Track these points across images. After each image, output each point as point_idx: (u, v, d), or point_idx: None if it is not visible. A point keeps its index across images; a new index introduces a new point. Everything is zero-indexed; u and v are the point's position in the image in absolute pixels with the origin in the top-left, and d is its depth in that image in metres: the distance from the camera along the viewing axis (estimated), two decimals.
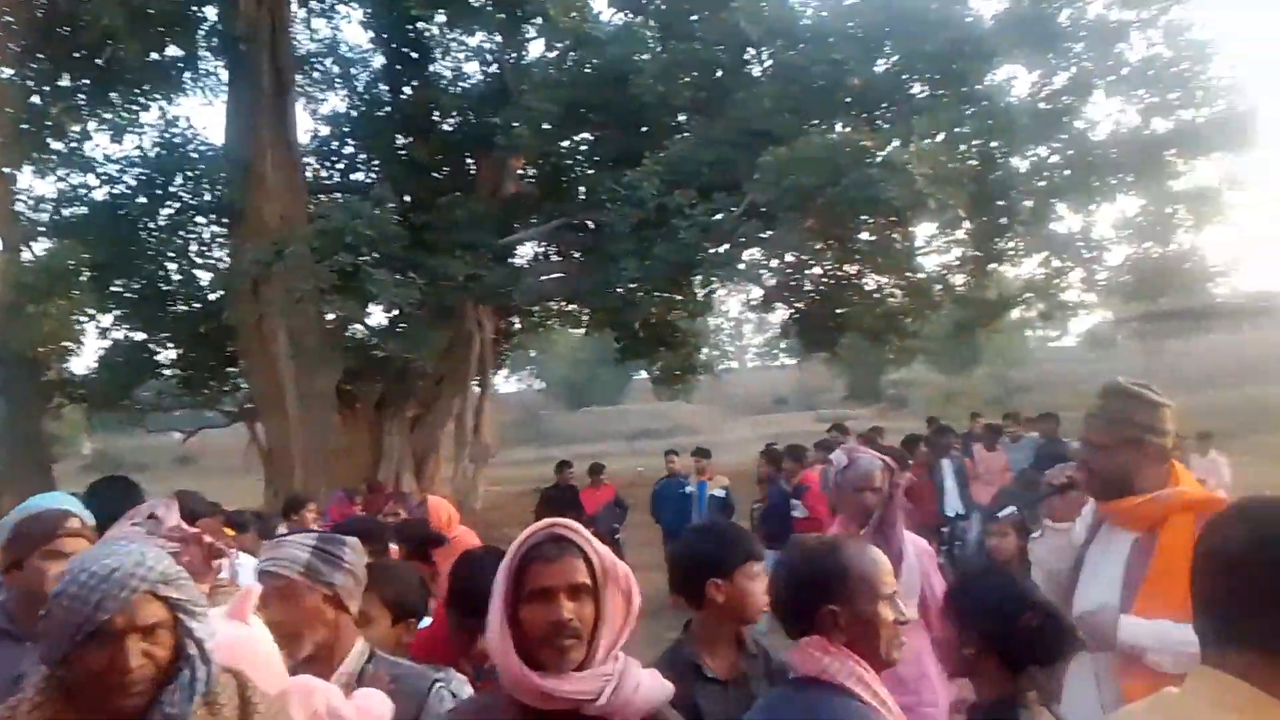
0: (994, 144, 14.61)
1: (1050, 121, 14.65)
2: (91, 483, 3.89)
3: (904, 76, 15.18)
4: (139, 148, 17.05)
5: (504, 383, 43.63)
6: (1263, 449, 13.17)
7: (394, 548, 3.85)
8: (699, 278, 14.60)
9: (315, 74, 18.97)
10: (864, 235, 15.30)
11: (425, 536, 4.11)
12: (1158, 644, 2.41)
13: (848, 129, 12.16)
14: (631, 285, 13.78)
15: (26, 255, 14.99)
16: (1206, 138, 14.46)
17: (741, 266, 14.69)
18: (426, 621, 3.02)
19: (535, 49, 16.83)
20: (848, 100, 14.03)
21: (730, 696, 2.49)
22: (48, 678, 1.62)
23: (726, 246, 13.19)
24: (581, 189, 15.76)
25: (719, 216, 12.25)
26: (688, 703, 2.26)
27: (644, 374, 38.93)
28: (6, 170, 15.27)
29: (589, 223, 15.30)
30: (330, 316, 15.59)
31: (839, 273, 17.65)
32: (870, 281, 18.12)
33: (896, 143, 11.96)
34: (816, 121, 13.15)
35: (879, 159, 11.00)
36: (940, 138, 12.54)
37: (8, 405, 16.47)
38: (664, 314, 19.24)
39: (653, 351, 20.74)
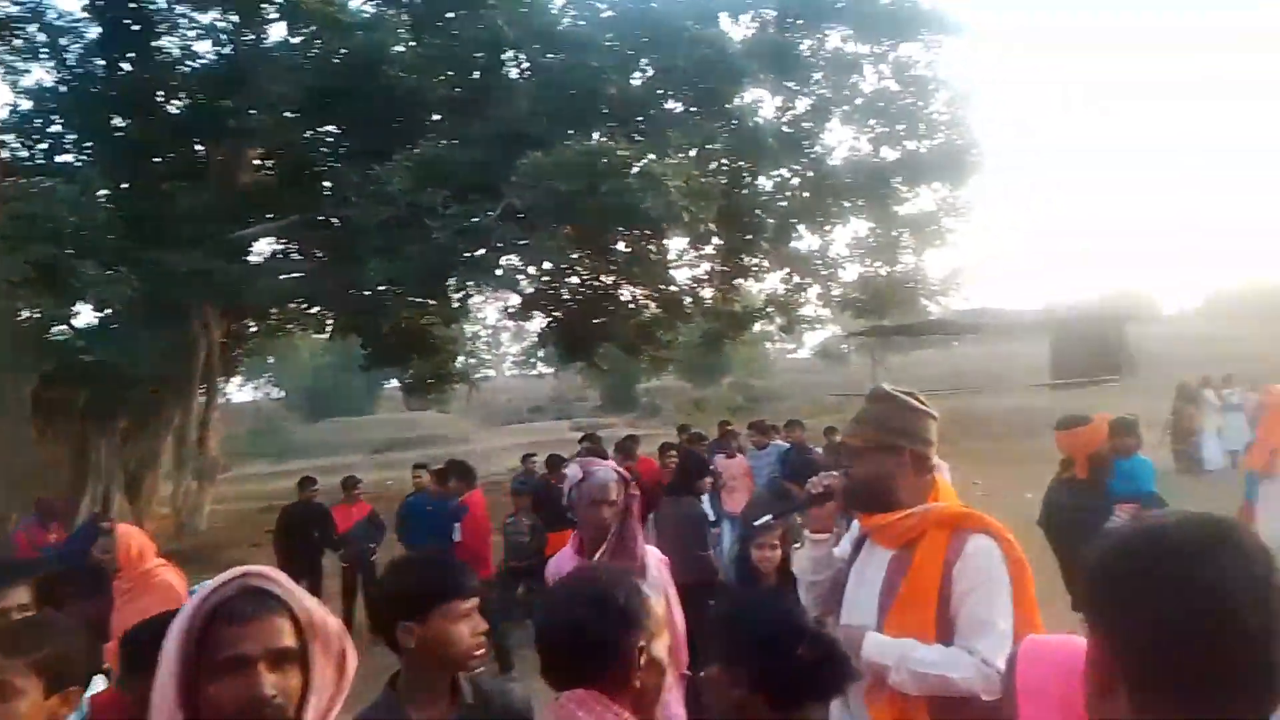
0: (742, 163, 15.24)
1: (792, 145, 15.41)
2: None
3: (659, 90, 15.47)
4: None
5: (238, 391, 40.58)
6: (972, 455, 14.44)
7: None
8: (454, 282, 14.11)
9: (16, 41, 16.67)
10: (620, 246, 15.42)
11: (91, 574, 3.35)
12: (898, 664, 2.32)
13: (604, 138, 12.14)
14: (380, 288, 13.06)
15: None
16: (928, 167, 15.77)
17: (499, 273, 14.33)
18: (99, 686, 2.45)
19: (276, 32, 15.67)
20: (604, 110, 14.07)
21: None
22: None
23: (483, 251, 12.79)
24: (326, 183, 14.80)
25: (476, 220, 11.83)
26: None
27: (394, 382, 37.63)
28: None
29: (334, 220, 14.40)
30: (25, 314, 13.71)
31: (596, 283, 17.73)
32: (626, 292, 18.35)
33: (652, 156, 12.10)
34: (573, 130, 13.06)
35: (636, 170, 11.03)
36: (693, 153, 12.84)
37: None
38: (416, 319, 18.52)
39: (404, 358, 19.90)
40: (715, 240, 16.39)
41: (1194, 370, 16.32)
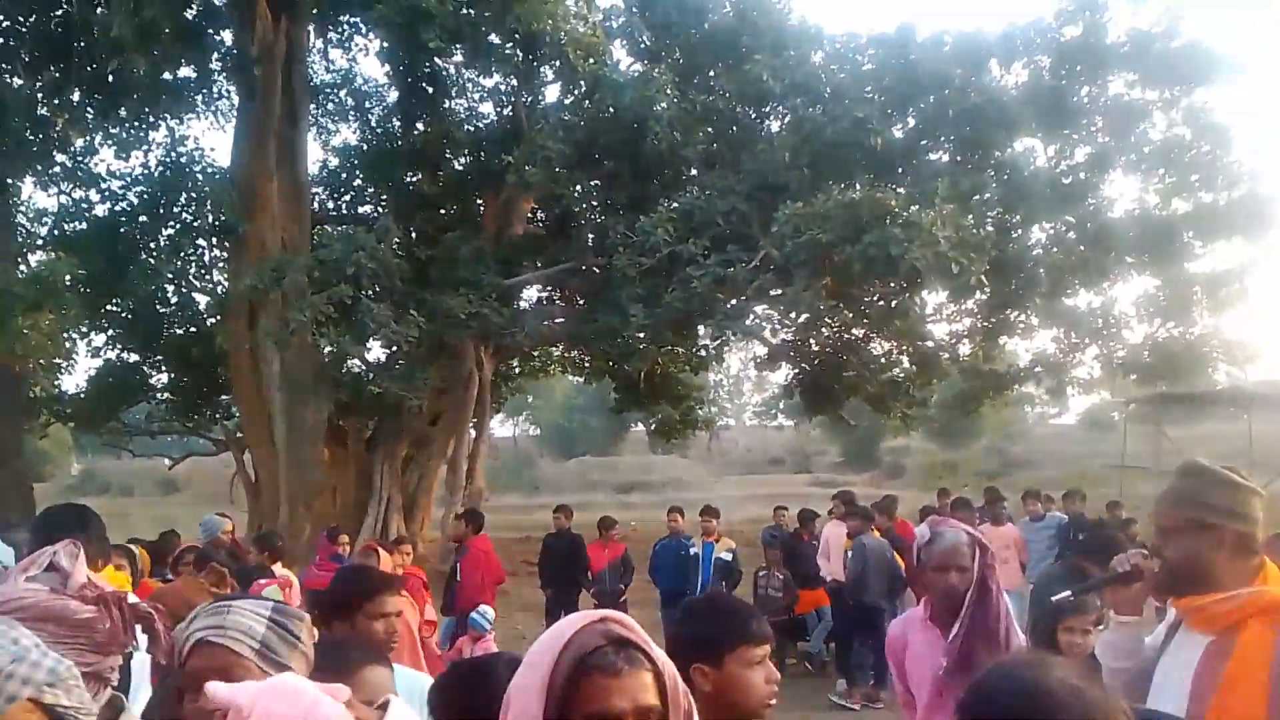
0: (1012, 214, 14.46)
1: (1068, 196, 14.46)
2: (43, 510, 3.52)
3: (923, 141, 15.05)
4: (144, 166, 16.87)
5: (498, 427, 43.15)
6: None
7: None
8: (709, 329, 14.31)
9: (329, 105, 18.91)
10: (876, 298, 15.02)
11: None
12: None
13: (866, 189, 11.94)
14: (638, 334, 13.46)
15: (22, 267, 14.71)
16: (1226, 220, 14.28)
17: (750, 322, 14.37)
18: None
19: (551, 93, 16.76)
20: (864, 161, 13.87)
21: None
22: None
23: (739, 300, 12.87)
24: (590, 234, 15.53)
25: (732, 269, 11.94)
26: None
27: (639, 426, 38.62)
28: (9, 181, 15.04)
29: (595, 268, 15.06)
30: (326, 349, 15.28)
31: (847, 335, 17.34)
32: (878, 346, 17.81)
33: (916, 206, 11.76)
34: (833, 181, 12.96)
35: (900, 220, 10.72)
36: (959, 204, 12.33)
37: None
38: (666, 366, 18.93)
39: (652, 403, 20.36)
40: (978, 295, 15.62)
41: None
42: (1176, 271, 14.84)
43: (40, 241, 16.38)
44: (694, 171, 14.94)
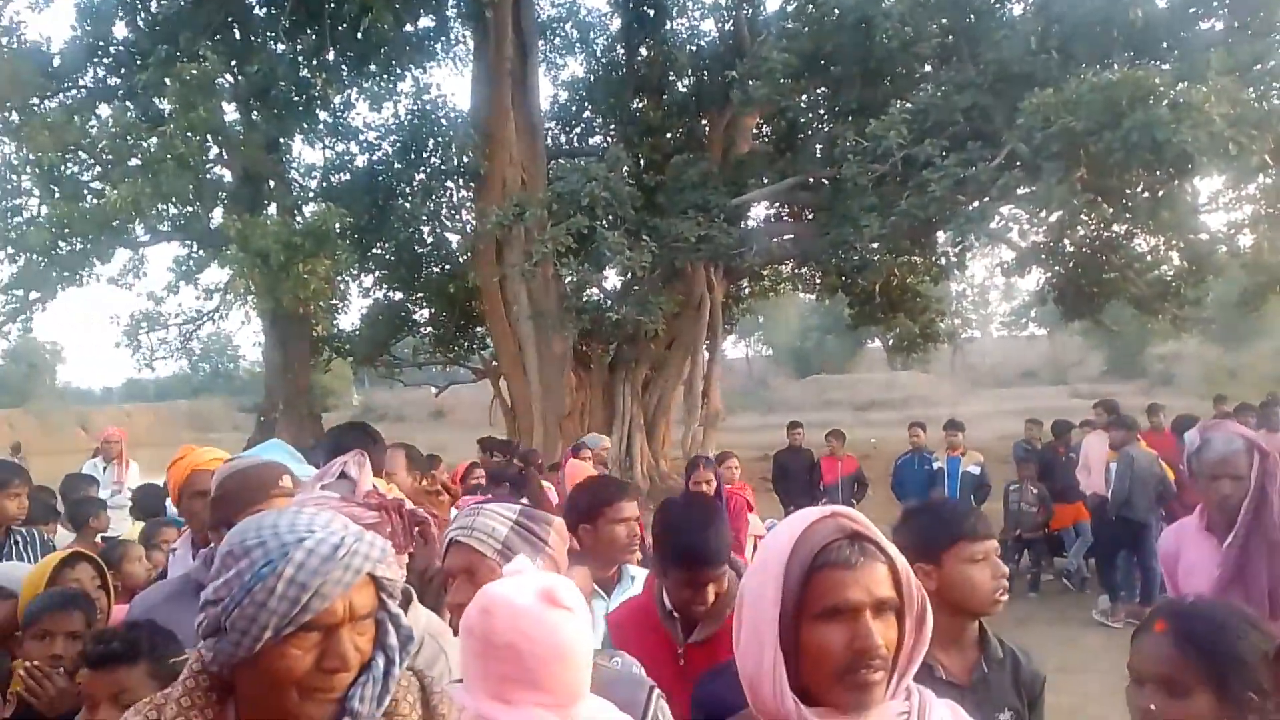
0: None
1: None
2: (331, 428, 3.92)
3: (1192, 9, 13.34)
4: (395, 116, 18.10)
5: (730, 349, 43.48)
6: None
7: None
8: (949, 236, 13.59)
9: (556, 40, 19.38)
10: (1139, 189, 13.65)
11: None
12: None
13: (1124, 69, 10.75)
14: (871, 245, 13.02)
15: (298, 218, 16.30)
16: None
17: (995, 225, 13.50)
18: None
19: (771, 2, 16.29)
20: (1122, 38, 12.48)
21: (970, 703, 2.08)
22: (198, 674, 1.34)
23: (979, 203, 12.11)
24: (818, 145, 15.09)
25: (973, 169, 11.22)
26: None
27: (876, 342, 37.61)
28: (281, 140, 16.63)
29: (824, 180, 14.65)
30: (566, 279, 15.94)
31: (1106, 232, 15.92)
32: (1142, 243, 16.25)
33: (1184, 84, 10.49)
34: (1085, 64, 11.78)
35: (1167, 99, 9.62)
36: (1237, 77, 10.88)
37: (283, 358, 18.10)
38: (903, 278, 18.25)
39: (889, 317, 19.76)
40: (1261, 178, 13.82)
41: None
42: None
43: (311, 194, 18.03)
44: (927, 68, 14.08)
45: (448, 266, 18.97)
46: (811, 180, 14.96)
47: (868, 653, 1.32)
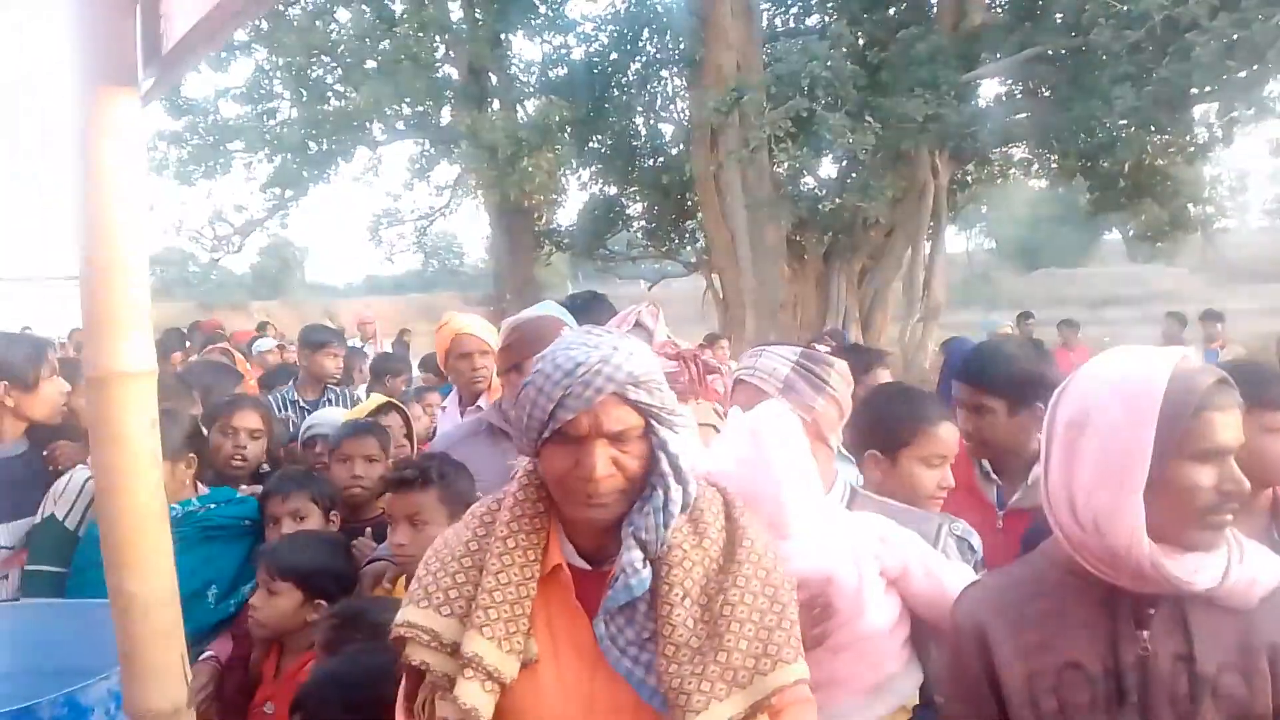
0: None
1: None
2: (569, 295, 4.13)
3: None
4: (611, 6, 18.04)
5: (952, 240, 41.34)
6: None
7: None
8: (1208, 110, 12.22)
9: None
10: None
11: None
12: None
13: None
14: (1120, 121, 11.89)
15: (520, 114, 16.77)
16: None
17: (1268, 93, 11.98)
18: None
19: None
20: None
21: None
22: (530, 472, 1.51)
23: (1255, 67, 10.74)
24: (1061, 13, 13.79)
25: (1248, 30, 9.93)
26: None
27: (1114, 234, 34.67)
28: (502, 35, 17.02)
29: (1067, 51, 13.41)
30: (783, 169, 15.60)
31: None
32: None
33: None
34: None
35: None
36: None
37: (509, 251, 18.95)
38: (1154, 158, 16.60)
39: (1134, 203, 18.09)
40: None
41: None
42: None
43: (531, 89, 18.45)
44: None
45: (661, 159, 19.00)
46: (1053, 52, 13.75)
47: (1234, 494, 1.39)
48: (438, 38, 16.59)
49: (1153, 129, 12.93)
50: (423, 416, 4.59)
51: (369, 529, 3.02)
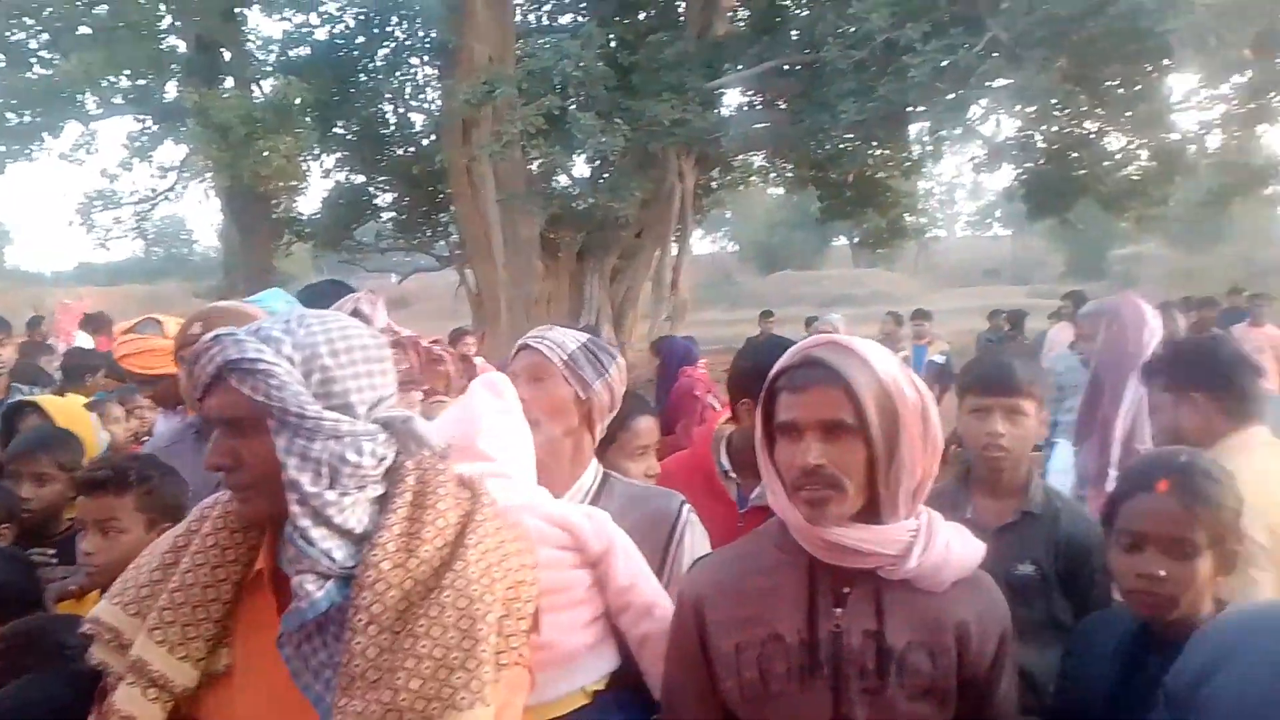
0: None
1: None
2: (308, 284, 3.86)
3: None
4: None
5: (698, 242, 43.27)
6: None
7: None
8: (919, 129, 13.44)
9: None
10: (1115, 83, 13.52)
11: None
12: None
13: None
14: (847, 134, 12.84)
15: (256, 93, 15.68)
16: None
17: (972, 116, 13.36)
18: None
19: None
20: None
21: (990, 548, 2.22)
22: None
23: (961, 91, 11.93)
24: (797, 29, 14.69)
25: (954, 56, 11.02)
26: None
27: (843, 239, 37.56)
28: (236, 10, 15.86)
29: (802, 66, 14.32)
30: (536, 165, 15.59)
31: (1079, 129, 15.84)
32: (1113, 140, 16.21)
33: None
34: None
35: None
36: None
37: (242, 237, 17.70)
38: (875, 170, 18.08)
39: (858, 212, 19.64)
40: (1236, 77, 13.77)
41: None
42: None
43: (269, 68, 17.32)
44: None
45: (412, 148, 18.46)
46: (789, 65, 14.62)
47: (806, 470, 1.44)
48: (162, 5, 15.20)
49: (874, 143, 14.02)
50: (123, 419, 4.14)
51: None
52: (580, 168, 16.74)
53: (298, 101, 13.76)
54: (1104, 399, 3.13)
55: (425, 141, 18.04)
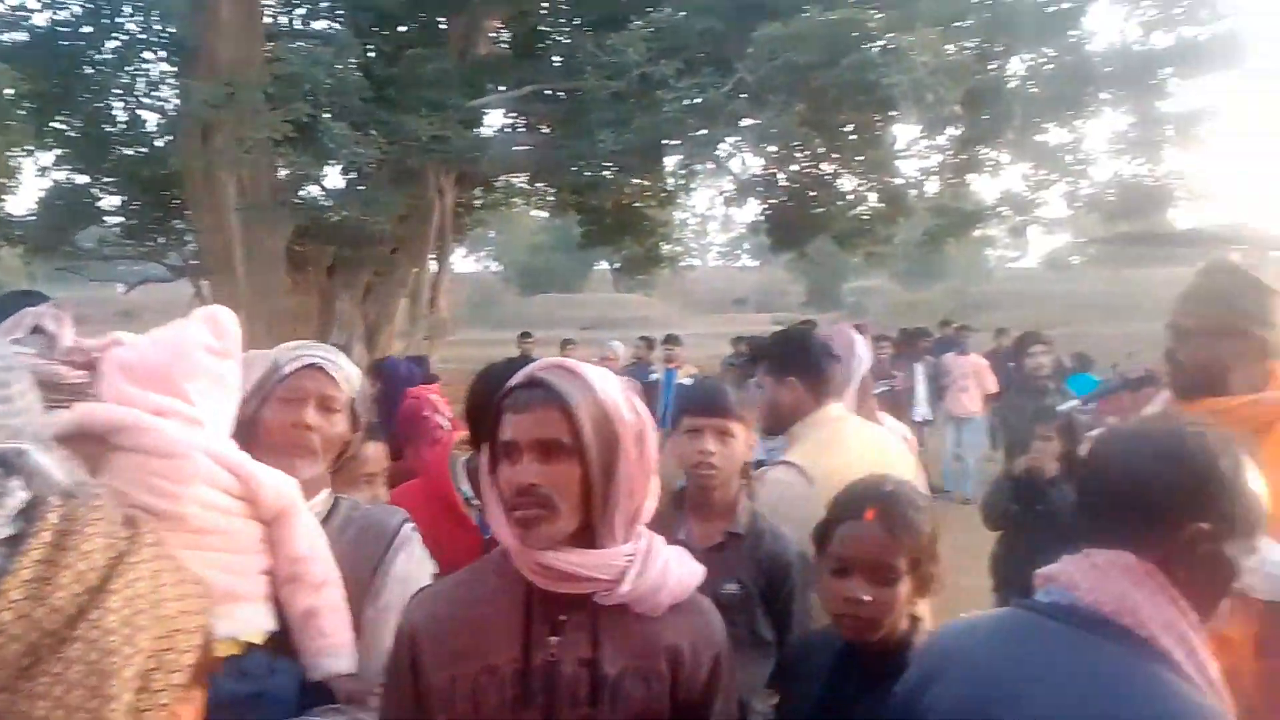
0: (993, 44, 14.05)
1: (1050, 27, 14.03)
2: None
3: None
4: None
5: (460, 262, 42.73)
6: None
7: None
8: (674, 162, 13.99)
9: None
10: (849, 130, 14.72)
11: None
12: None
13: (847, 9, 11.45)
14: (605, 163, 13.13)
15: None
16: (1205, 58, 14.01)
17: (720, 153, 14.06)
18: None
19: None
20: None
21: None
22: None
23: (710, 129, 12.51)
24: (557, 57, 14.90)
25: (705, 95, 11.56)
26: None
27: (605, 264, 38.38)
28: None
29: (563, 93, 14.52)
30: (283, 172, 14.78)
31: (816, 170, 17.11)
32: (846, 182, 17.63)
33: (893, 34, 11.34)
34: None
35: (880, 43, 10.38)
36: (941, 29, 11.94)
37: None
38: (633, 199, 18.62)
39: (617, 239, 20.14)
40: (951, 130, 15.39)
41: None
42: (1150, 109, 14.67)
43: None
44: None
45: (143, 149, 16.95)
46: (551, 91, 14.78)
47: (520, 489, 1.44)
48: None
49: (632, 173, 14.43)
50: None
51: None
52: (334, 179, 16.07)
53: (12, 93, 12.32)
54: None
55: (159, 143, 16.63)
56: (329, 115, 12.55)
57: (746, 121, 13.17)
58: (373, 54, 15.62)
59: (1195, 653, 1.26)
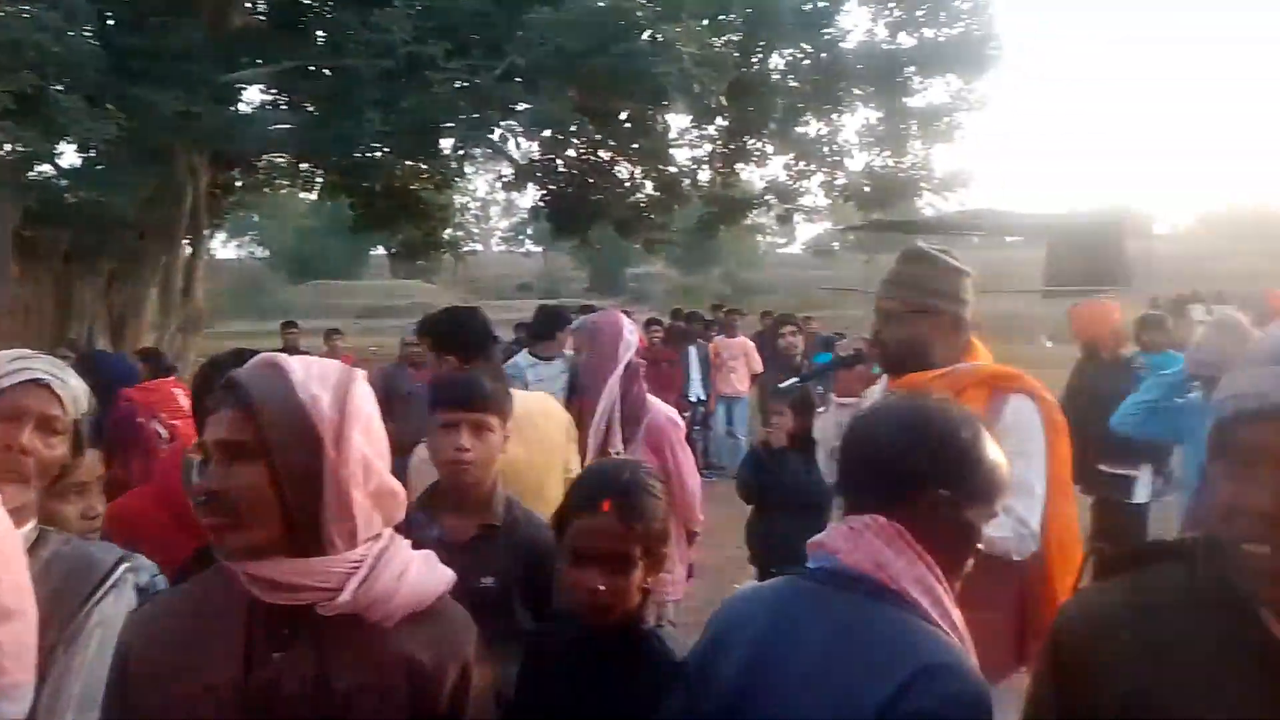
0: (754, 39, 14.70)
1: (809, 23, 14.84)
2: None
3: None
4: None
5: (221, 248, 40.05)
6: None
7: None
8: (449, 145, 13.69)
9: None
10: (623, 117, 14.96)
11: None
12: None
13: None
14: (374, 145, 12.65)
15: None
16: (944, 58, 15.28)
17: (495, 136, 13.90)
18: None
19: None
20: None
21: (458, 565, 2.25)
22: None
23: (484, 111, 12.33)
24: (320, 32, 14.16)
25: (477, 78, 11.37)
26: None
27: (381, 250, 37.15)
28: None
29: (327, 70, 13.84)
30: (6, 149, 13.24)
31: (593, 158, 17.28)
32: (623, 170, 17.91)
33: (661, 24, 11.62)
34: None
35: (648, 34, 10.59)
36: (706, 22, 12.35)
37: None
38: (407, 182, 18.08)
39: (393, 223, 19.49)
40: (719, 120, 15.97)
41: (1185, 286, 16.23)
42: (897, 104, 15.85)
43: None
44: None
45: None
46: (315, 68, 14.05)
47: (200, 494, 1.34)
48: None
49: (404, 156, 13.98)
50: None
51: None
52: (71, 157, 14.55)
53: None
54: (585, 397, 3.47)
55: None
56: (60, 89, 11.35)
57: (521, 106, 13.11)
58: (111, 21, 14.24)
59: (940, 601, 1.40)
